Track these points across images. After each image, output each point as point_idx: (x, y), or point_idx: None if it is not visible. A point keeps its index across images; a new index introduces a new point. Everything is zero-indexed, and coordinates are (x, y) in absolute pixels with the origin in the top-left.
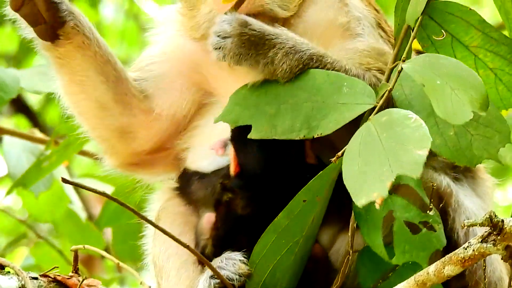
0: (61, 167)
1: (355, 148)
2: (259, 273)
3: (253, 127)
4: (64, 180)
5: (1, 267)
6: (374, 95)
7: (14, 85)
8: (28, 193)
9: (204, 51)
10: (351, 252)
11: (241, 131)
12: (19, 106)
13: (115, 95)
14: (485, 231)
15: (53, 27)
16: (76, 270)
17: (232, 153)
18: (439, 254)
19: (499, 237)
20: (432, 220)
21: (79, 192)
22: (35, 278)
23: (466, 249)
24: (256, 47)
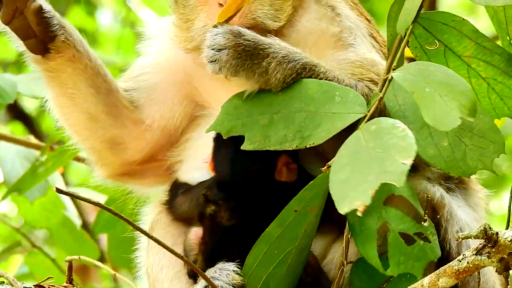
0: (56, 174)
1: (344, 157)
2: (253, 284)
3: (246, 137)
4: (59, 190)
5: None
6: (365, 105)
7: (12, 90)
8: (23, 200)
9: (197, 63)
10: (345, 263)
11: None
12: (16, 113)
13: (106, 107)
14: (480, 244)
15: (44, 41)
16: (71, 281)
17: (210, 154)
18: (433, 265)
19: (494, 250)
20: (427, 231)
21: (74, 199)
22: None
23: (461, 262)
24: (251, 57)
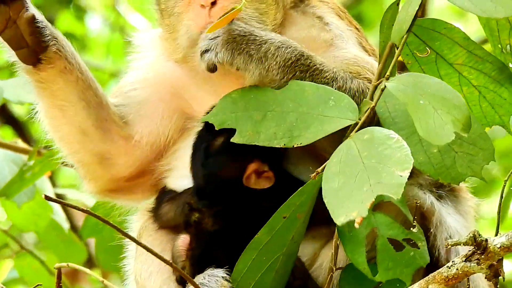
0: (44, 178)
1: (336, 165)
2: None
3: (237, 131)
4: (48, 198)
5: None
6: (357, 111)
7: None
8: (11, 204)
9: (187, 75)
10: (334, 269)
11: (204, 133)
12: (6, 118)
13: (96, 121)
14: (469, 250)
15: (36, 51)
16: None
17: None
18: (422, 271)
19: (483, 256)
20: (416, 238)
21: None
22: None
23: (450, 268)
24: (247, 42)
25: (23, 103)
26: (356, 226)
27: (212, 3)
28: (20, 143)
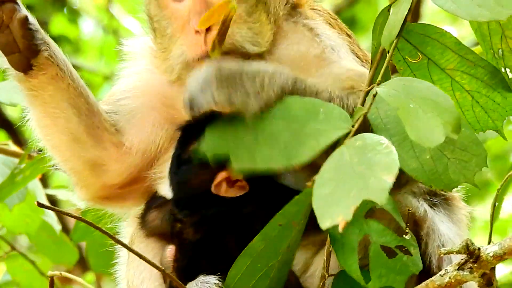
0: (35, 180)
1: (328, 172)
2: None
3: (233, 158)
4: (40, 204)
5: None
6: (350, 120)
7: None
8: (2, 206)
9: (178, 88)
10: (327, 276)
11: (179, 141)
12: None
13: (88, 128)
14: (462, 259)
15: (27, 57)
16: None
17: None
18: (414, 278)
19: (476, 265)
20: (408, 244)
21: (55, 205)
22: None
23: (443, 276)
24: (241, 78)
25: (16, 105)
26: (340, 230)
27: (207, 29)
28: (12, 146)
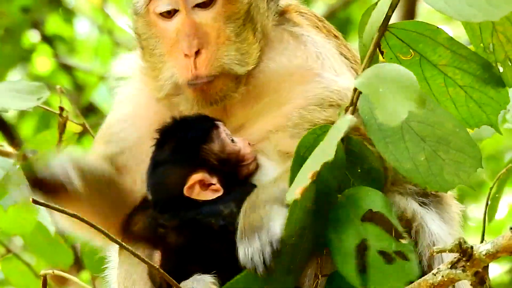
0: None
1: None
2: None
3: None
4: (35, 201)
5: None
6: None
7: None
8: None
9: (168, 110)
10: (320, 277)
11: (159, 144)
12: None
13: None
14: (455, 257)
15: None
16: None
17: None
18: None
19: (469, 263)
20: (406, 249)
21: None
22: None
23: (435, 275)
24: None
25: (7, 111)
26: (297, 196)
27: (196, 52)
28: (6, 147)
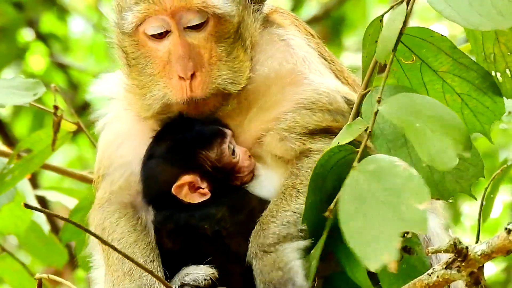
0: (25, 180)
1: (350, 203)
2: None
3: None
4: (27, 205)
5: None
6: None
7: None
8: None
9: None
10: (317, 279)
11: (158, 136)
12: None
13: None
14: (450, 258)
15: None
16: None
17: None
18: None
19: (464, 264)
20: (412, 243)
21: (44, 204)
22: None
23: (430, 276)
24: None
25: (3, 106)
26: (393, 271)
27: (191, 75)
28: (1, 146)
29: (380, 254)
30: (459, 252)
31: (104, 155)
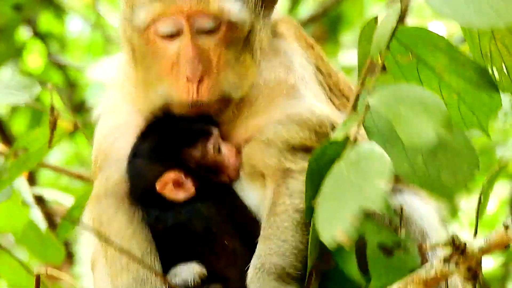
0: (21, 178)
1: (327, 188)
2: None
3: None
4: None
5: None
6: None
7: None
8: None
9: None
10: (313, 273)
11: (145, 133)
12: None
13: None
14: (448, 253)
15: None
16: None
17: None
18: None
19: (462, 259)
20: (404, 240)
21: (40, 202)
22: None
23: (429, 270)
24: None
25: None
26: (340, 241)
27: (199, 80)
28: None
29: (335, 228)
30: (457, 247)
31: (100, 149)
